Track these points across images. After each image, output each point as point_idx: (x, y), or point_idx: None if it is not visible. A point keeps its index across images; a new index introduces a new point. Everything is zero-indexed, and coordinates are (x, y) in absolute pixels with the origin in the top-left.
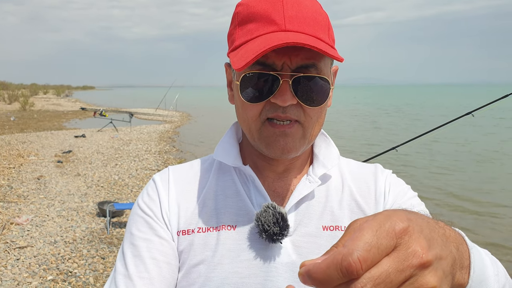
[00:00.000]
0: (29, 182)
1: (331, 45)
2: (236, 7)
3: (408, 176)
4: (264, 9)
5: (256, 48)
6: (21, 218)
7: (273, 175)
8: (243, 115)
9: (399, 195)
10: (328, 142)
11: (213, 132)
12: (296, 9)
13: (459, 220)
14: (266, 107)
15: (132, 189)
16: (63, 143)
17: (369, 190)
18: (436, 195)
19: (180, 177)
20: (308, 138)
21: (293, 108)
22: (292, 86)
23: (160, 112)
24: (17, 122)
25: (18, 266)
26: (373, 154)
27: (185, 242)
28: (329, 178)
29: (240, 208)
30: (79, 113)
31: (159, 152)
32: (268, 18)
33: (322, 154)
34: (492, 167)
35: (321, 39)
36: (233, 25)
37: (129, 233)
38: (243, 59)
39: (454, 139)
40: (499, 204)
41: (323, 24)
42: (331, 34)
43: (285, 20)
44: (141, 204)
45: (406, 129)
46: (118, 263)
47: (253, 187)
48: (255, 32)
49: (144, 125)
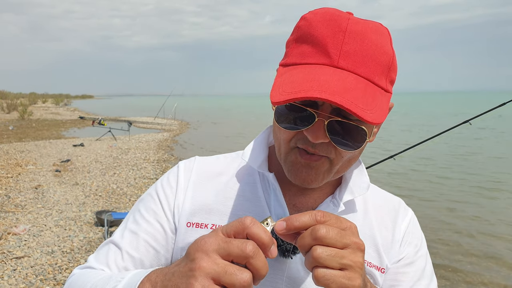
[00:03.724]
0: (27, 191)
1: (385, 89)
2: (300, 20)
3: (406, 181)
4: (323, 35)
5: (296, 85)
6: (19, 228)
7: (296, 189)
8: (276, 132)
9: (411, 252)
10: (361, 169)
11: (212, 141)
12: (358, 43)
13: (458, 221)
14: (298, 135)
15: (130, 198)
16: (62, 152)
17: (387, 231)
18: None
19: (204, 169)
20: (333, 172)
21: (324, 146)
22: (327, 126)
23: (159, 120)
24: (15, 131)
25: (15, 277)
26: (371, 163)
27: (196, 235)
28: (353, 207)
29: (258, 214)
30: (77, 122)
31: (158, 160)
32: (324, 48)
33: (352, 180)
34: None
35: (374, 81)
36: (292, 37)
37: (137, 208)
38: (279, 93)
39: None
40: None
41: (384, 63)
42: (391, 75)
43: (340, 55)
44: (158, 186)
45: (404, 137)
46: (118, 232)
47: (273, 196)
48: (306, 58)
49: (143, 133)
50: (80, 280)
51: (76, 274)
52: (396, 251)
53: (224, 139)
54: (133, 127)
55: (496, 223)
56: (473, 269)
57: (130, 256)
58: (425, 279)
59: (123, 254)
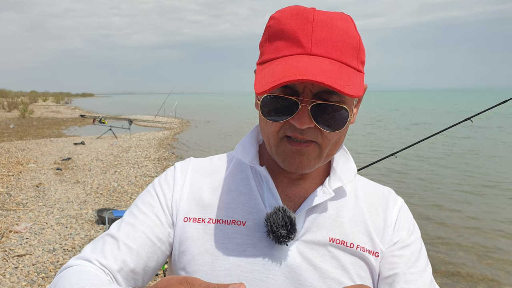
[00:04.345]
0: (28, 189)
1: (357, 69)
2: (269, 20)
3: (406, 178)
4: (293, 29)
5: (276, 74)
6: (20, 226)
7: (288, 180)
8: (264, 128)
9: (405, 236)
10: (347, 157)
11: (213, 139)
12: (326, 31)
13: (457, 220)
14: (285, 125)
15: (131, 196)
16: (62, 150)
17: (378, 216)
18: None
19: (199, 168)
20: (323, 157)
21: (311, 130)
22: (311, 111)
23: (160, 119)
24: (16, 130)
25: (16, 275)
26: (372, 160)
27: (192, 229)
28: (343, 194)
29: (252, 206)
30: (78, 120)
31: (158, 159)
32: (296, 39)
33: (339, 168)
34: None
35: (347, 63)
36: (264, 37)
37: (135, 203)
38: (262, 85)
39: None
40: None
41: (353, 46)
42: (361, 57)
43: (311, 43)
44: (156, 183)
45: (405, 135)
46: (114, 225)
47: (266, 188)
48: (281, 51)
49: (144, 132)
50: (69, 276)
51: (69, 267)
52: (390, 235)
53: (224, 138)
54: (134, 125)
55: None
56: (474, 268)
57: (127, 247)
58: (422, 261)
59: (119, 244)
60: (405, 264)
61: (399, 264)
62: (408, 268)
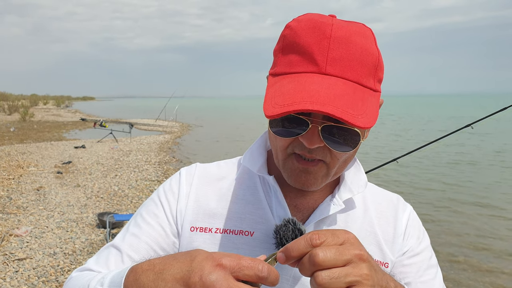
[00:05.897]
0: (28, 193)
1: (373, 89)
2: (285, 29)
3: (408, 183)
4: (308, 44)
5: (287, 96)
6: (20, 229)
7: (296, 191)
8: (272, 140)
9: (415, 245)
10: (358, 168)
11: (213, 143)
12: (343, 48)
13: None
14: (294, 142)
15: (132, 200)
16: (63, 153)
17: (388, 225)
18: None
19: (205, 175)
20: (331, 175)
21: (320, 149)
22: (321, 131)
23: (160, 122)
24: (17, 133)
25: (17, 278)
26: (375, 165)
27: (200, 239)
28: (352, 205)
29: (260, 216)
30: (79, 124)
31: (159, 162)
32: (310, 56)
33: (350, 179)
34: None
35: (362, 84)
36: (278, 46)
37: (139, 213)
38: (271, 107)
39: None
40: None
41: (371, 65)
42: (378, 75)
43: (327, 62)
44: (160, 191)
45: (407, 140)
46: (119, 236)
47: (275, 198)
48: (294, 67)
49: (144, 135)
50: (76, 281)
51: (73, 277)
52: (400, 244)
53: (226, 142)
54: (135, 129)
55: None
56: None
57: (130, 259)
58: (433, 268)
59: (123, 256)
60: (416, 273)
61: (409, 273)
62: (419, 277)
